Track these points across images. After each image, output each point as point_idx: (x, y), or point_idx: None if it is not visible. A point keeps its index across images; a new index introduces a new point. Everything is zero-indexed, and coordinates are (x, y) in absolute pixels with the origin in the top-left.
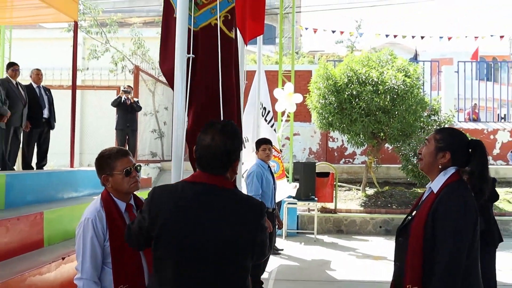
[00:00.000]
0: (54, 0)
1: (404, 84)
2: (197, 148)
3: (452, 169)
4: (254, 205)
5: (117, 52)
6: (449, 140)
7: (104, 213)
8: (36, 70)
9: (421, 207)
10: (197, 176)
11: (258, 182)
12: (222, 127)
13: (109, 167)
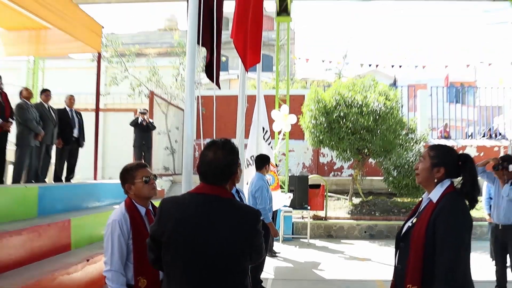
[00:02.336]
0: (81, 34)
1: (385, 106)
2: (201, 163)
3: (448, 181)
4: (250, 213)
5: (135, 79)
6: (443, 156)
7: (128, 216)
8: (70, 96)
9: (421, 215)
10: (199, 188)
11: (266, 195)
12: (223, 144)
13: (131, 177)
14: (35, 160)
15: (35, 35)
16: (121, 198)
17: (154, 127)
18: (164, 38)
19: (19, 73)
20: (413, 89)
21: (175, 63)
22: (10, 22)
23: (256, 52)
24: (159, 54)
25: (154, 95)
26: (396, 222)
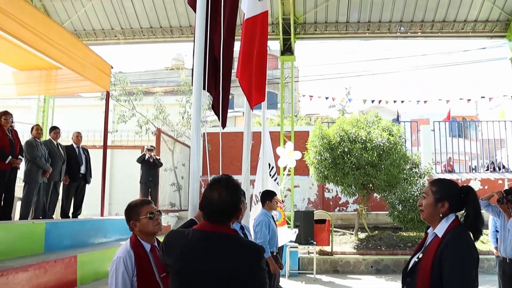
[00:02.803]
0: (91, 74)
1: (388, 141)
2: (206, 203)
3: (452, 215)
4: (253, 249)
5: (142, 117)
6: (445, 190)
7: (133, 253)
8: (77, 133)
9: (427, 250)
10: (203, 225)
11: (266, 230)
12: (227, 184)
13: (136, 213)
14: (43, 196)
15: (46, 74)
16: (127, 234)
17: (160, 163)
18: (171, 76)
19: (29, 111)
20: (415, 124)
21: (181, 101)
22: (23, 62)
23: (261, 91)
24: (166, 92)
25: (161, 133)
26: (402, 256)
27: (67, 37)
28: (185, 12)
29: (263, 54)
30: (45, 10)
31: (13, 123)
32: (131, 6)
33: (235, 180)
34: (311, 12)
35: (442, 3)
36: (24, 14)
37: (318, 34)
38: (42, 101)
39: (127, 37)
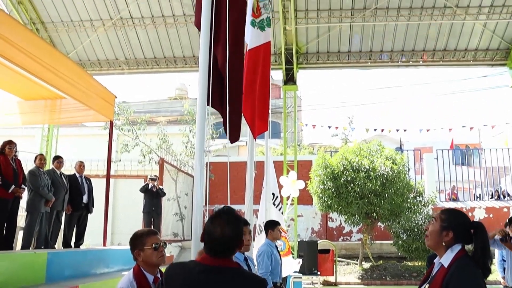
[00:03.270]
0: (94, 104)
1: (392, 170)
2: (208, 238)
3: (458, 245)
4: (256, 281)
5: (145, 146)
6: (453, 221)
7: (135, 283)
8: (80, 162)
9: (433, 281)
10: (204, 259)
11: (268, 261)
12: (228, 218)
13: (141, 243)
14: (45, 226)
15: (50, 104)
16: (130, 265)
17: (164, 193)
18: (174, 106)
19: (33, 140)
20: (419, 152)
21: (185, 130)
22: (28, 92)
23: (264, 120)
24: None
25: (164, 162)
26: (407, 286)
27: (72, 67)
28: (189, 43)
29: (266, 84)
30: (51, 41)
31: (17, 152)
32: (136, 37)
33: (237, 213)
34: (313, 42)
35: (443, 32)
36: (30, 44)
37: (320, 64)
38: (46, 130)
39: (131, 67)
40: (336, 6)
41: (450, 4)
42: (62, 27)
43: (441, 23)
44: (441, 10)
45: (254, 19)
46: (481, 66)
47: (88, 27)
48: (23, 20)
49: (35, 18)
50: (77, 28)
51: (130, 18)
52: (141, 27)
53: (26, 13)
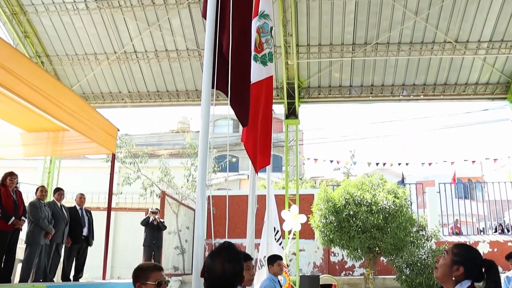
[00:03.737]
0: (97, 136)
1: (394, 204)
2: (208, 275)
3: (468, 282)
4: None
5: (147, 179)
6: (465, 256)
7: None
8: (80, 194)
9: None
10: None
11: None
12: (228, 254)
13: (145, 277)
14: (44, 258)
15: (53, 136)
16: None
17: (164, 226)
18: (176, 139)
19: (35, 172)
20: (421, 186)
21: (186, 164)
22: (31, 124)
23: (266, 154)
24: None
25: (165, 195)
26: None
27: (76, 100)
28: (191, 77)
29: (268, 118)
30: (55, 74)
31: (18, 184)
32: (139, 71)
33: (237, 248)
34: (315, 77)
35: (443, 66)
36: (35, 77)
37: (322, 98)
38: (48, 162)
39: (134, 101)
40: (338, 41)
41: (450, 40)
42: (66, 61)
43: (441, 57)
44: (441, 45)
45: (257, 54)
46: (481, 100)
47: (92, 61)
48: (28, 54)
49: (40, 51)
50: (82, 62)
51: (134, 52)
52: (144, 61)
53: (32, 46)
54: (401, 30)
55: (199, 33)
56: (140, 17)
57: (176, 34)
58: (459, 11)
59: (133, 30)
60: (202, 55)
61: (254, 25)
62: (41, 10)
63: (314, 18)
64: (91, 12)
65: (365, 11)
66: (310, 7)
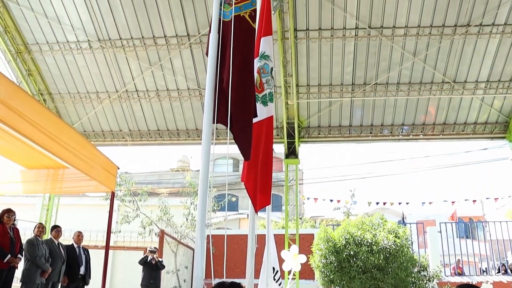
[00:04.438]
0: (97, 174)
1: (395, 244)
2: None
3: None
4: None
5: (146, 218)
6: None
7: None
8: (78, 232)
9: None
10: None
11: None
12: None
13: None
14: None
15: (53, 173)
16: None
17: (163, 266)
18: (176, 178)
19: (33, 209)
20: (422, 225)
21: (186, 202)
22: (31, 161)
23: (266, 194)
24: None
25: (164, 234)
26: None
27: (76, 138)
28: (192, 116)
29: (268, 158)
30: (57, 111)
31: (15, 221)
32: (140, 109)
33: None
34: (315, 117)
35: (442, 106)
36: (37, 115)
37: (322, 138)
38: (47, 199)
39: (134, 139)
40: (337, 82)
41: (448, 80)
42: (68, 98)
43: (439, 97)
44: (439, 85)
45: (258, 94)
46: (481, 139)
47: (94, 99)
48: (31, 91)
49: (43, 89)
50: (83, 100)
51: (135, 91)
52: (145, 99)
53: (35, 84)
54: (399, 71)
55: (200, 73)
56: (142, 57)
57: (178, 74)
58: (457, 52)
59: (135, 69)
60: (203, 94)
61: (255, 66)
62: (45, 49)
63: (314, 59)
64: (94, 51)
65: (364, 52)
66: (310, 48)
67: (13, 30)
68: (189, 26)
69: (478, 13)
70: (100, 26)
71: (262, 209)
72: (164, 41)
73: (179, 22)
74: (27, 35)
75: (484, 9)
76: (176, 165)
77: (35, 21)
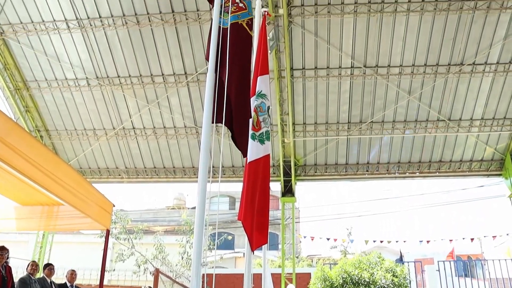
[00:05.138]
0: (92, 212)
1: (393, 283)
2: None
3: None
4: None
5: (141, 256)
6: None
7: None
8: (71, 271)
9: None
10: None
11: None
12: None
13: None
14: None
15: (47, 210)
16: None
17: None
18: (172, 216)
19: (27, 246)
20: (420, 264)
21: (181, 241)
22: (26, 197)
23: (263, 233)
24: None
25: (159, 273)
26: None
27: (72, 175)
28: (189, 154)
29: (265, 197)
30: (53, 148)
31: (8, 258)
32: (137, 147)
33: None
34: (311, 155)
35: (438, 144)
36: (33, 151)
37: (318, 176)
38: (40, 236)
39: (130, 176)
40: (333, 120)
41: (443, 118)
42: (65, 135)
43: (435, 135)
44: (435, 123)
45: (255, 133)
46: (477, 176)
47: (90, 136)
48: (28, 128)
49: (40, 125)
50: (80, 137)
51: (132, 129)
52: (142, 137)
53: (32, 121)
54: (395, 109)
55: (197, 111)
56: (139, 95)
57: (175, 111)
58: (451, 90)
59: (133, 107)
60: (199, 132)
61: (252, 104)
62: (43, 86)
63: (310, 98)
64: (92, 89)
65: (359, 91)
66: (306, 87)
67: (13, 67)
68: (186, 65)
69: (471, 53)
70: (98, 64)
71: (259, 248)
72: (162, 79)
73: (177, 61)
74: (26, 72)
75: (476, 49)
76: (172, 203)
77: (35, 59)
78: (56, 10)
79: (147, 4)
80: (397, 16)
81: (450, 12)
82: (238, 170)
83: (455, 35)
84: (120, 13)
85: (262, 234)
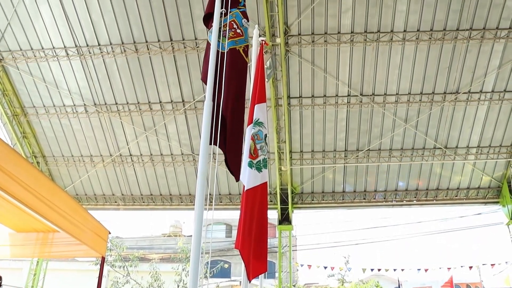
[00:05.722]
0: (87, 239)
1: None
2: None
3: None
4: None
5: (136, 284)
6: None
7: None
8: None
9: None
10: None
11: None
12: None
13: None
14: None
15: (42, 237)
16: None
17: None
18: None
19: (20, 273)
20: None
21: (177, 269)
22: (21, 224)
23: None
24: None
25: None
26: None
27: (68, 201)
28: (185, 182)
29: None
30: (50, 174)
31: (1, 286)
32: (133, 174)
33: None
34: (308, 183)
35: (435, 172)
36: (29, 177)
37: (315, 204)
38: (35, 263)
39: (127, 203)
40: (330, 148)
41: (439, 145)
42: (62, 161)
43: (432, 163)
44: (431, 151)
45: (252, 161)
46: (474, 204)
47: (87, 162)
48: (25, 153)
49: (37, 151)
50: (77, 163)
51: (129, 156)
52: (139, 164)
53: (29, 146)
54: (392, 137)
55: (194, 138)
56: (137, 122)
57: (172, 139)
58: (447, 118)
59: (130, 134)
60: (196, 159)
61: (249, 133)
62: (41, 112)
63: (307, 126)
64: (89, 115)
65: (356, 119)
66: (303, 115)
67: (11, 94)
68: (184, 93)
69: (466, 81)
70: (96, 91)
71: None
72: (160, 106)
73: (174, 89)
74: (24, 98)
75: (471, 77)
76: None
77: (33, 85)
78: (55, 38)
79: (145, 33)
80: (393, 45)
81: (445, 41)
82: (235, 197)
83: (450, 64)
84: (119, 41)
85: (261, 262)
